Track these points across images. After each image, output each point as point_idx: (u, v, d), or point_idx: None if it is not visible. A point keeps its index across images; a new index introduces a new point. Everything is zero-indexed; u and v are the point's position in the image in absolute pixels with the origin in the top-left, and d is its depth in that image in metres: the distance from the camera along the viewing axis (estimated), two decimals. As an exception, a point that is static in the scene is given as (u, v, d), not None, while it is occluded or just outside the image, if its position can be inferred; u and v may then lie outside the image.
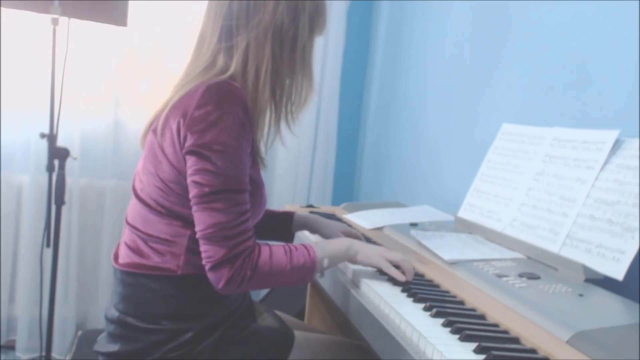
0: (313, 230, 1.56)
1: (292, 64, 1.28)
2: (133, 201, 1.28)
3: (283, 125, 1.34)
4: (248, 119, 1.18)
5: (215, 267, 1.14)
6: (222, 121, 1.14)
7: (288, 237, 1.58)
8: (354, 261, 1.27)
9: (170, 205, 1.20)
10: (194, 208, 1.16)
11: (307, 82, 1.30)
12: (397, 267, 1.25)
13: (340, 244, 1.28)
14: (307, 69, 1.30)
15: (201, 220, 1.15)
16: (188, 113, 1.15)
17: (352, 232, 1.52)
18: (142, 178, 1.25)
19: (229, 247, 1.13)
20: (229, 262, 1.13)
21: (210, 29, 1.25)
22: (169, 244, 1.21)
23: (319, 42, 2.84)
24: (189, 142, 1.14)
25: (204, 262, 1.15)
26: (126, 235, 1.29)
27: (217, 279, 1.14)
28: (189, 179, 1.16)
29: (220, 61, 1.23)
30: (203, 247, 1.15)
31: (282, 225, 1.56)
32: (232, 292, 1.16)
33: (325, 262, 1.23)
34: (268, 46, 1.22)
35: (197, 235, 1.15)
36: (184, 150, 1.16)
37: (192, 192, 1.15)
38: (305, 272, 1.20)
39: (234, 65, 1.22)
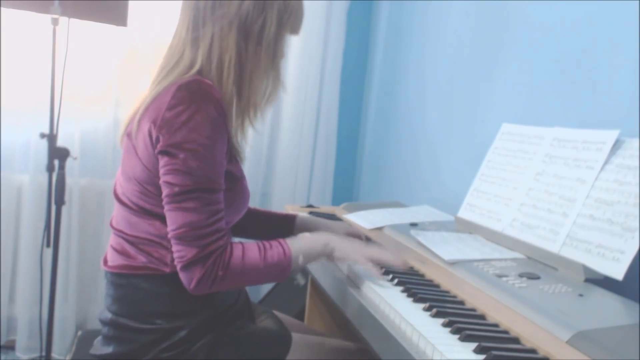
0: (313, 232, 1.55)
1: (257, 58, 1.25)
2: (116, 206, 1.28)
3: (247, 122, 1.29)
4: (222, 117, 1.16)
5: (187, 266, 1.13)
6: (193, 120, 1.13)
7: None
8: (331, 258, 1.26)
9: (150, 207, 1.20)
10: (165, 208, 1.15)
11: (273, 78, 1.28)
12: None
13: (317, 240, 1.26)
14: (274, 65, 1.27)
15: (173, 220, 1.14)
16: (159, 115, 1.15)
17: (355, 233, 1.51)
18: (122, 182, 1.25)
19: (201, 246, 1.12)
20: (200, 262, 1.12)
21: (180, 21, 1.26)
22: (154, 244, 1.20)
23: (319, 42, 2.86)
24: (161, 142, 1.14)
25: (175, 262, 1.14)
26: (113, 239, 1.29)
27: (189, 279, 1.13)
28: (161, 179, 1.15)
29: (187, 54, 1.23)
30: (175, 247, 1.14)
31: (285, 229, 1.55)
32: (204, 292, 1.15)
33: (300, 259, 1.21)
34: (232, 38, 1.22)
35: (169, 235, 1.15)
36: (156, 151, 1.15)
37: (164, 192, 1.15)
38: (281, 269, 1.19)
39: (200, 58, 1.21)
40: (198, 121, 1.13)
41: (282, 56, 1.29)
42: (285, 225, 1.55)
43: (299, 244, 1.22)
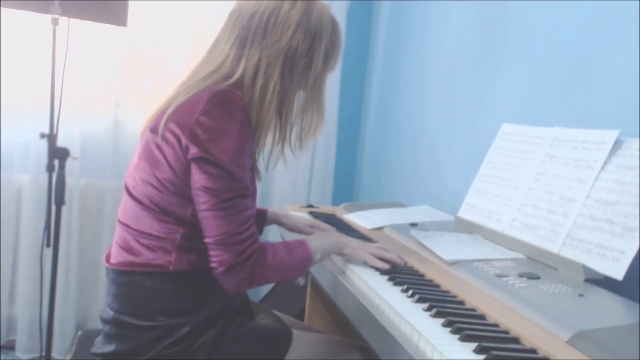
0: (280, 223, 1.64)
1: (303, 91, 1.31)
2: (125, 198, 1.28)
3: (287, 149, 1.38)
4: (249, 124, 1.21)
5: (227, 270, 1.18)
6: (227, 129, 1.16)
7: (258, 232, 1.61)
8: (342, 254, 1.36)
9: (165, 204, 1.21)
10: (203, 214, 1.18)
11: (317, 113, 1.34)
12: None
13: (330, 238, 1.39)
14: (318, 101, 1.33)
15: (212, 226, 1.18)
16: (192, 119, 1.16)
17: (320, 225, 1.58)
18: (136, 176, 1.25)
19: (238, 252, 1.18)
20: (239, 266, 1.18)
21: (226, 36, 1.28)
22: (159, 240, 1.21)
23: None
24: (195, 149, 1.16)
25: (213, 265, 1.19)
26: (117, 233, 1.29)
27: (228, 282, 1.19)
28: (197, 185, 1.17)
29: (227, 66, 1.26)
30: (214, 252, 1.18)
31: (258, 222, 1.57)
32: (242, 290, 1.24)
33: (318, 256, 1.30)
34: (278, 67, 1.26)
35: (208, 241, 1.19)
36: (189, 157, 1.17)
37: (203, 198, 1.17)
38: (303, 265, 1.28)
39: (240, 73, 1.25)
40: (232, 130, 1.17)
41: (324, 92, 1.35)
42: (258, 219, 1.59)
43: (316, 242, 1.31)
